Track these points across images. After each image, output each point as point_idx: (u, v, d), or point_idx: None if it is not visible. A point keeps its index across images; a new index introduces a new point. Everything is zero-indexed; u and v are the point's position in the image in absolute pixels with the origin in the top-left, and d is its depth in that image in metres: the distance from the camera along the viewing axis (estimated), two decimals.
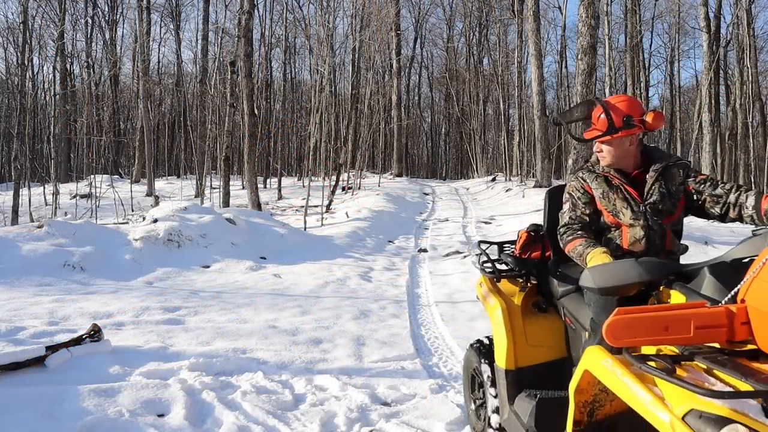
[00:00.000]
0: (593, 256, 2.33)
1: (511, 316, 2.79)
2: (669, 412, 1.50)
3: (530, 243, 2.97)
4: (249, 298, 6.11)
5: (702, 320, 1.58)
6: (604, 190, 2.53)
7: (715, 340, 1.61)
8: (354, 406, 3.43)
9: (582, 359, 1.91)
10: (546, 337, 2.76)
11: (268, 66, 27.78)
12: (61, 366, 3.70)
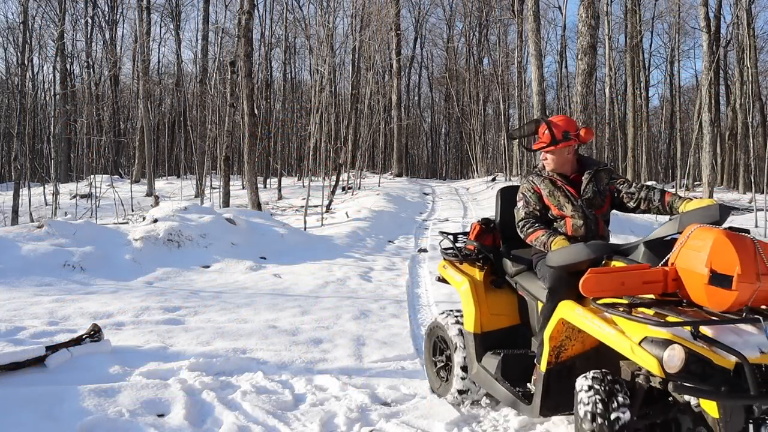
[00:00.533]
0: (556, 242, 3.01)
1: (476, 290, 3.47)
2: (629, 340, 2.27)
3: (482, 233, 3.68)
4: (249, 298, 6.12)
5: (647, 277, 2.39)
6: (550, 190, 3.27)
7: (654, 292, 2.41)
8: (354, 406, 3.43)
9: (556, 312, 2.68)
10: (503, 308, 3.47)
11: (268, 66, 27.79)
12: (61, 366, 3.70)
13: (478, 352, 3.36)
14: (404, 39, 32.67)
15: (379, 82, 26.11)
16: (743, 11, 19.40)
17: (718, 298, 2.26)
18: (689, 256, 2.36)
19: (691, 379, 2.13)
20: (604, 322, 2.42)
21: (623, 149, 26.12)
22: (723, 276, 2.24)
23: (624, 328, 2.33)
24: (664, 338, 2.19)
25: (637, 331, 2.26)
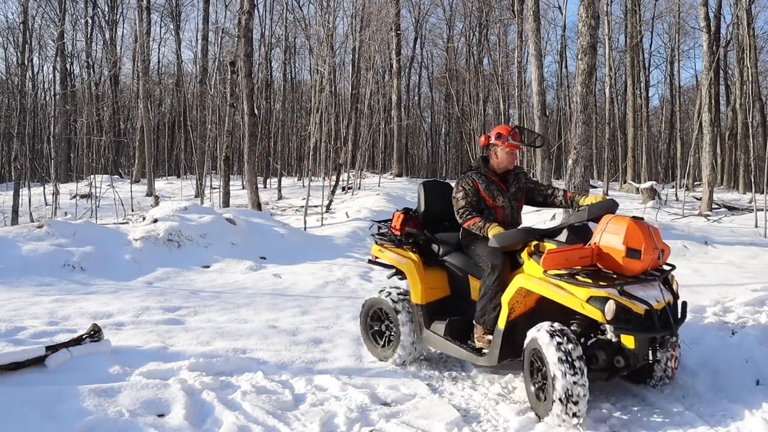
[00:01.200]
0: (492, 228, 3.78)
1: (418, 268, 4.15)
2: (578, 299, 3.20)
3: (406, 221, 4.36)
4: (249, 298, 6.12)
5: (582, 253, 3.33)
6: (487, 184, 4.06)
7: (584, 264, 3.33)
8: (354, 406, 3.43)
9: (514, 281, 3.53)
10: (437, 282, 4.19)
11: (268, 66, 27.77)
12: (61, 366, 3.70)
13: (425, 319, 4.09)
14: (404, 39, 32.66)
15: (379, 82, 26.09)
16: (743, 11, 19.39)
17: (631, 266, 3.29)
18: (610, 238, 3.34)
19: (619, 323, 3.16)
20: (557, 286, 3.31)
21: (623, 149, 26.11)
22: (635, 250, 3.27)
23: (572, 291, 3.25)
24: (603, 296, 3.17)
25: (583, 292, 3.21)
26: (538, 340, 3.27)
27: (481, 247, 3.86)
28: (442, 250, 4.19)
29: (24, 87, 14.98)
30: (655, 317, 3.22)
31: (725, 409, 3.40)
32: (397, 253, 4.29)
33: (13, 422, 3.00)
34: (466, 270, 4.04)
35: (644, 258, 3.26)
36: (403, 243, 4.31)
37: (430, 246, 4.27)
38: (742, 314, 5.19)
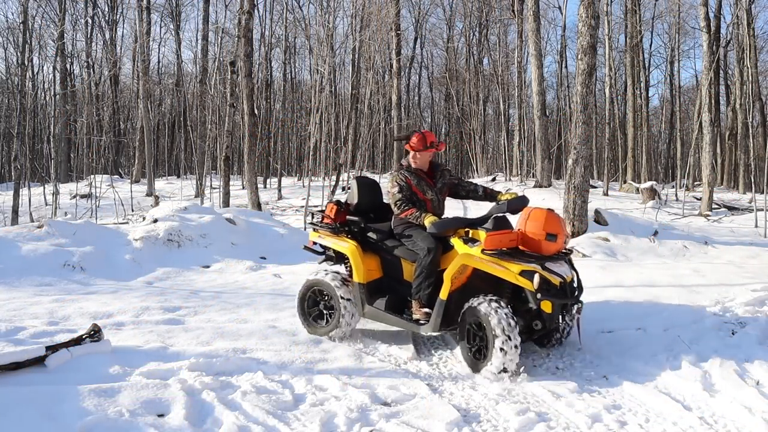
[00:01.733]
0: (427, 217, 4.38)
1: (359, 252, 4.69)
2: (513, 272, 3.96)
3: (338, 212, 4.95)
4: (249, 298, 6.12)
5: (512, 237, 4.15)
6: (418, 180, 4.65)
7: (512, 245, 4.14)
8: (354, 406, 3.43)
9: (456, 259, 4.21)
10: (372, 264, 4.75)
11: (268, 66, 27.78)
12: (61, 366, 3.70)
13: (367, 297, 4.63)
14: (404, 39, 32.67)
15: (379, 82, 26.09)
16: (743, 11, 19.39)
17: (549, 248, 4.15)
18: (533, 225, 4.18)
19: (542, 292, 3.96)
20: (496, 261, 4.06)
21: (623, 149, 26.10)
22: (552, 235, 4.14)
23: (507, 266, 4.02)
24: (532, 270, 3.97)
25: (516, 267, 4.00)
26: (478, 309, 3.99)
27: (416, 234, 4.51)
28: (377, 237, 4.79)
29: (24, 87, 14.98)
30: (566, 288, 4.15)
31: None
32: (339, 239, 4.81)
33: (13, 422, 3.00)
34: (399, 254, 4.65)
35: (558, 241, 4.18)
36: (339, 231, 4.85)
37: (365, 233, 4.83)
38: (742, 314, 5.19)
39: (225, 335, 4.61)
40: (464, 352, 4.17)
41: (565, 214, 8.95)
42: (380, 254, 4.78)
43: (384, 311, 4.58)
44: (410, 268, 4.56)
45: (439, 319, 4.25)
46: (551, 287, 4.02)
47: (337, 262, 5.00)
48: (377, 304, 4.63)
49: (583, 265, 7.38)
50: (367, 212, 4.99)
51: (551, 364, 4.33)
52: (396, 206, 4.55)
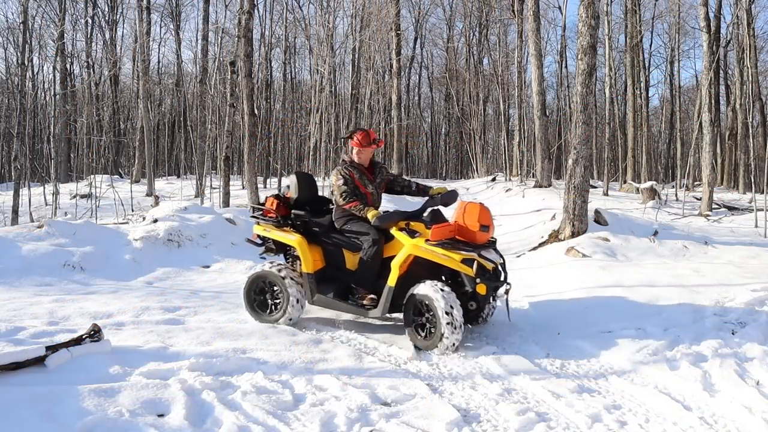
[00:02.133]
0: (370, 210, 4.80)
1: (306, 243, 5.03)
2: (455, 260, 4.46)
3: (279, 206, 5.23)
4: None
5: (451, 228, 4.65)
6: (360, 175, 5.07)
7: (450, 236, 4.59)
8: (354, 406, 3.43)
9: (405, 249, 4.63)
10: (316, 255, 5.08)
11: (268, 66, 27.78)
12: (61, 366, 3.69)
13: (315, 286, 4.98)
14: (404, 39, 32.66)
15: (379, 82, 26.10)
16: (743, 11, 19.38)
17: (482, 238, 4.67)
18: (469, 217, 4.67)
19: (480, 276, 4.48)
20: (439, 250, 4.52)
21: (623, 149, 26.10)
22: (485, 226, 4.68)
23: (450, 255, 4.48)
24: (471, 257, 4.51)
25: (458, 256, 4.48)
26: (426, 293, 4.45)
27: (358, 226, 4.89)
28: (320, 229, 5.12)
29: (24, 87, 14.97)
30: (498, 272, 4.74)
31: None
32: (285, 232, 5.12)
33: (13, 422, 3.00)
34: (341, 245, 5.01)
35: (489, 231, 4.74)
36: (282, 224, 5.16)
37: (307, 226, 5.15)
38: (742, 314, 5.19)
39: (225, 335, 4.61)
40: (411, 332, 4.61)
41: (565, 214, 8.94)
42: (322, 245, 5.12)
43: (333, 299, 4.94)
44: (352, 258, 4.97)
45: (387, 303, 4.67)
46: (486, 272, 4.58)
47: (277, 254, 5.35)
48: (325, 291, 4.98)
49: (583, 265, 7.38)
50: (305, 206, 5.31)
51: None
52: (341, 197, 4.91)
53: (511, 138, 27.61)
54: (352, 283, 4.93)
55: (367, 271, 4.81)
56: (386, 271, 4.74)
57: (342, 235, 5.02)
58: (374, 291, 4.81)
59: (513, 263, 8.29)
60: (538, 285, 6.69)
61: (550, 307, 5.76)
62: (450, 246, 4.53)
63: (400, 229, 4.74)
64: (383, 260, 4.82)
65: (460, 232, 4.67)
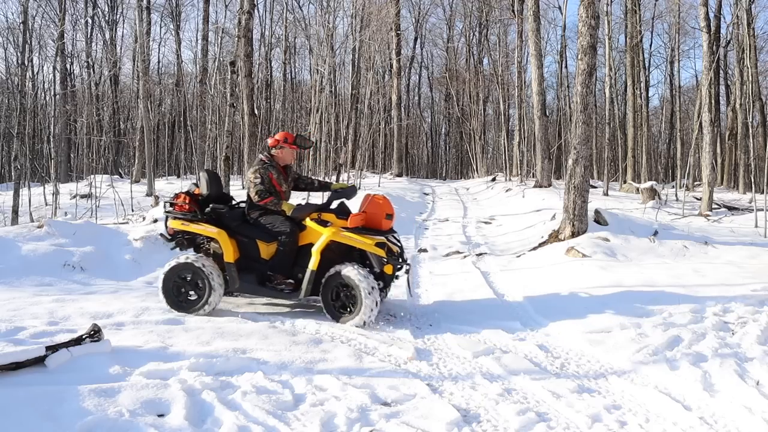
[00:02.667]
0: (285, 205, 5.34)
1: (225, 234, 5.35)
2: (370, 244, 5.16)
3: (191, 202, 5.50)
4: (249, 297, 6.11)
5: (361, 217, 5.33)
6: (278, 174, 5.52)
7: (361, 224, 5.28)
8: (354, 406, 3.42)
9: (325, 235, 5.17)
10: (232, 246, 5.36)
11: (268, 66, 27.78)
12: (61, 366, 3.69)
13: (237, 274, 5.31)
14: (404, 39, 32.67)
15: (379, 82, 26.09)
16: (743, 11, 19.38)
17: (387, 225, 5.35)
18: (376, 207, 5.35)
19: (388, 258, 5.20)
20: (355, 236, 5.15)
21: (623, 149, 26.09)
22: (390, 215, 5.37)
23: (365, 240, 5.14)
24: (383, 242, 5.17)
25: (372, 240, 5.15)
26: (348, 275, 4.99)
27: (274, 219, 5.36)
28: (234, 223, 5.46)
29: (24, 87, 14.98)
30: (401, 255, 5.47)
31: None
32: (206, 225, 5.39)
33: (13, 422, 3.00)
34: (255, 236, 5.39)
35: (392, 219, 5.42)
36: (197, 218, 5.41)
37: (221, 220, 5.44)
38: (742, 314, 5.19)
39: (225, 335, 4.61)
40: (329, 309, 5.14)
41: (565, 214, 8.94)
42: (236, 237, 5.43)
43: (256, 285, 5.35)
44: (266, 248, 5.38)
45: (309, 285, 5.17)
46: (393, 254, 5.30)
47: (188, 248, 5.56)
48: (246, 279, 5.35)
49: (583, 265, 7.38)
50: (214, 201, 5.58)
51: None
52: (257, 195, 5.34)
53: (511, 138, 27.61)
54: (269, 271, 5.35)
55: (284, 259, 5.29)
56: (299, 258, 5.31)
57: (256, 227, 5.41)
58: (291, 276, 5.32)
59: (513, 263, 8.29)
60: (538, 285, 6.70)
61: (549, 306, 5.76)
62: (363, 232, 5.20)
63: (313, 219, 5.30)
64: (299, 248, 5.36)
65: (367, 221, 5.30)
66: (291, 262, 5.34)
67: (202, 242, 5.55)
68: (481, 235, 11.43)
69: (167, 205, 5.61)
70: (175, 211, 5.51)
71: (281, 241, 5.30)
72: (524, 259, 8.46)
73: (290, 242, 5.29)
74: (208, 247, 5.53)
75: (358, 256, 5.32)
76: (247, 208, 5.51)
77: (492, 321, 5.35)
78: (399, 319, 5.49)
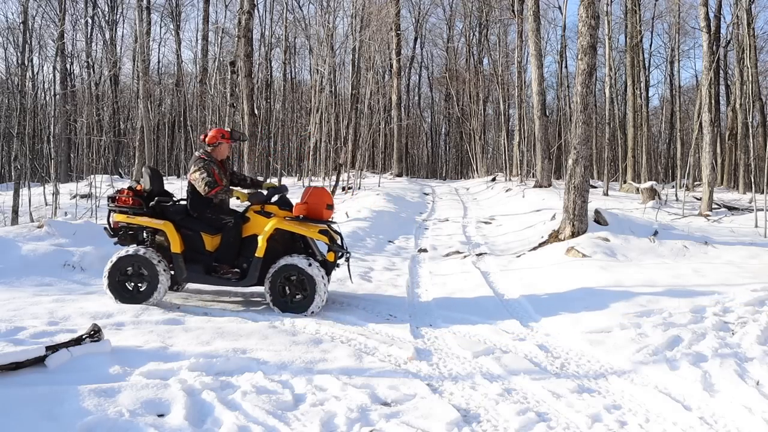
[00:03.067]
0: (238, 192, 5.59)
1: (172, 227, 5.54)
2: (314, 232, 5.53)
3: (134, 197, 5.66)
4: (248, 297, 6.11)
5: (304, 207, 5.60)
6: (218, 169, 5.74)
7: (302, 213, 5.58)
8: (354, 406, 3.42)
9: (270, 224, 5.49)
10: (177, 238, 5.53)
11: (268, 66, 27.78)
12: (61, 366, 3.69)
13: (184, 264, 5.51)
14: (404, 39, 32.66)
15: (379, 82, 26.09)
16: (743, 11, 19.37)
17: (327, 215, 5.69)
18: (317, 198, 5.65)
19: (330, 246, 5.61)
20: (295, 225, 5.50)
21: (623, 149, 26.09)
22: (330, 205, 5.74)
23: (309, 227, 5.49)
24: (326, 229, 5.59)
25: (316, 228, 5.51)
26: (299, 265, 5.32)
27: (216, 211, 5.63)
28: (178, 216, 5.64)
29: (24, 87, 14.97)
30: (342, 243, 5.86)
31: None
32: (152, 219, 5.59)
33: (13, 422, 3.00)
34: (200, 229, 5.60)
35: (332, 210, 5.82)
36: (141, 212, 5.59)
37: (166, 213, 5.63)
38: (742, 314, 5.19)
39: (225, 335, 4.61)
40: (276, 299, 5.37)
41: (565, 214, 8.94)
42: (181, 231, 5.59)
43: (203, 275, 5.55)
44: (211, 240, 5.60)
45: (257, 272, 5.43)
46: (335, 242, 5.68)
47: (131, 243, 5.68)
48: (193, 269, 5.55)
49: (583, 265, 7.38)
50: (156, 196, 5.71)
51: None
52: (207, 186, 5.52)
53: (511, 138, 27.61)
54: (214, 262, 5.56)
55: (229, 249, 5.54)
56: (244, 249, 5.55)
57: (201, 220, 5.63)
58: (236, 266, 5.55)
59: (513, 263, 8.29)
60: (538, 285, 6.69)
61: (549, 306, 5.75)
62: (307, 221, 5.53)
63: (256, 211, 5.60)
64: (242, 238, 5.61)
65: (309, 211, 5.58)
66: (236, 252, 5.56)
67: (147, 236, 5.70)
68: (481, 235, 11.42)
69: (109, 200, 5.72)
70: (119, 205, 5.63)
71: (226, 232, 5.54)
72: (524, 259, 8.46)
73: (234, 233, 5.54)
74: (153, 240, 5.68)
75: (301, 247, 5.60)
76: (190, 205, 5.66)
77: (492, 321, 5.35)
78: (399, 319, 5.49)
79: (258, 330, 4.78)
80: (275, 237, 5.51)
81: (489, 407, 3.52)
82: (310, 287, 5.28)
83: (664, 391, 3.77)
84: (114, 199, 5.67)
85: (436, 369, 4.18)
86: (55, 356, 3.71)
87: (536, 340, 4.85)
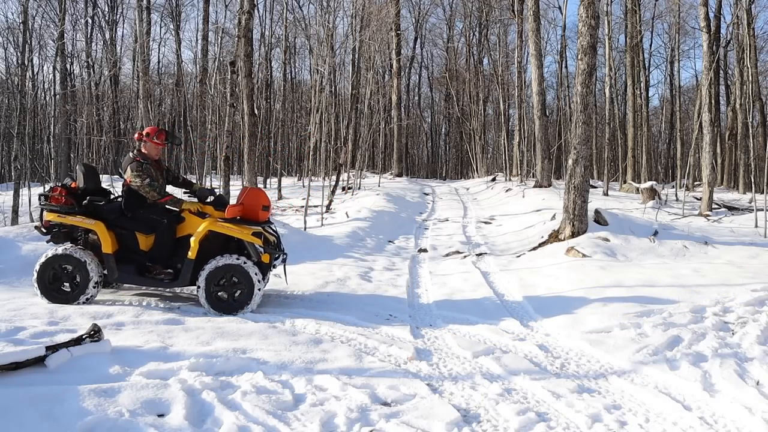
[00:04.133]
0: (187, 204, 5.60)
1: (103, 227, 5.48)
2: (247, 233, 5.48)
3: (68, 195, 5.58)
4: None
5: (239, 208, 5.61)
6: (155, 171, 5.74)
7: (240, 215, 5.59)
8: (354, 406, 3.42)
9: (203, 226, 5.47)
10: (110, 237, 5.50)
11: (268, 66, 27.75)
12: (61, 366, 3.69)
13: (116, 264, 5.45)
14: (404, 39, 32.66)
15: (379, 82, 26.09)
16: (743, 11, 19.38)
17: (263, 216, 5.64)
18: (252, 200, 5.64)
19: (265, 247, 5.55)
20: (234, 227, 5.44)
21: (623, 149, 26.09)
22: (266, 206, 5.67)
23: (242, 229, 5.44)
24: (260, 231, 5.50)
25: (248, 230, 5.46)
26: (236, 265, 5.34)
27: (150, 211, 5.60)
28: (112, 215, 5.58)
29: (24, 87, 14.97)
30: (278, 244, 5.76)
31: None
32: (82, 218, 5.50)
33: (13, 422, 3.00)
34: (134, 228, 5.56)
35: (269, 211, 5.72)
36: (74, 211, 5.51)
37: (99, 213, 5.56)
38: (742, 314, 5.19)
39: (225, 335, 4.61)
40: (210, 299, 5.36)
41: (565, 214, 8.94)
42: (115, 230, 5.56)
43: (135, 276, 5.52)
44: (145, 240, 5.57)
45: (188, 274, 5.42)
46: (270, 243, 5.62)
47: (65, 241, 5.59)
48: (125, 269, 5.51)
49: (583, 264, 7.38)
50: (91, 194, 5.66)
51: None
52: (155, 192, 5.56)
53: (511, 138, 27.61)
54: (148, 262, 5.55)
55: (162, 250, 5.53)
56: (178, 249, 5.52)
57: (135, 219, 5.59)
58: (169, 267, 5.55)
59: (513, 263, 8.29)
60: (538, 285, 6.69)
61: (549, 306, 5.75)
62: (241, 222, 5.48)
63: (191, 211, 5.58)
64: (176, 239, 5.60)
65: (245, 212, 5.56)
66: (169, 252, 5.54)
67: (80, 235, 5.62)
68: (481, 235, 11.42)
69: (41, 198, 5.63)
70: (51, 203, 5.55)
71: (159, 232, 5.54)
72: (524, 259, 8.46)
73: (168, 233, 5.54)
74: (86, 239, 5.60)
75: (235, 247, 5.58)
76: (125, 205, 5.62)
77: (492, 321, 5.35)
78: (399, 319, 5.49)
79: (258, 330, 4.78)
80: (209, 238, 5.48)
81: (489, 407, 3.51)
82: (246, 286, 5.32)
83: (664, 391, 3.77)
84: (47, 197, 5.59)
85: (436, 369, 4.18)
86: (55, 356, 3.71)
87: (536, 340, 4.85)
